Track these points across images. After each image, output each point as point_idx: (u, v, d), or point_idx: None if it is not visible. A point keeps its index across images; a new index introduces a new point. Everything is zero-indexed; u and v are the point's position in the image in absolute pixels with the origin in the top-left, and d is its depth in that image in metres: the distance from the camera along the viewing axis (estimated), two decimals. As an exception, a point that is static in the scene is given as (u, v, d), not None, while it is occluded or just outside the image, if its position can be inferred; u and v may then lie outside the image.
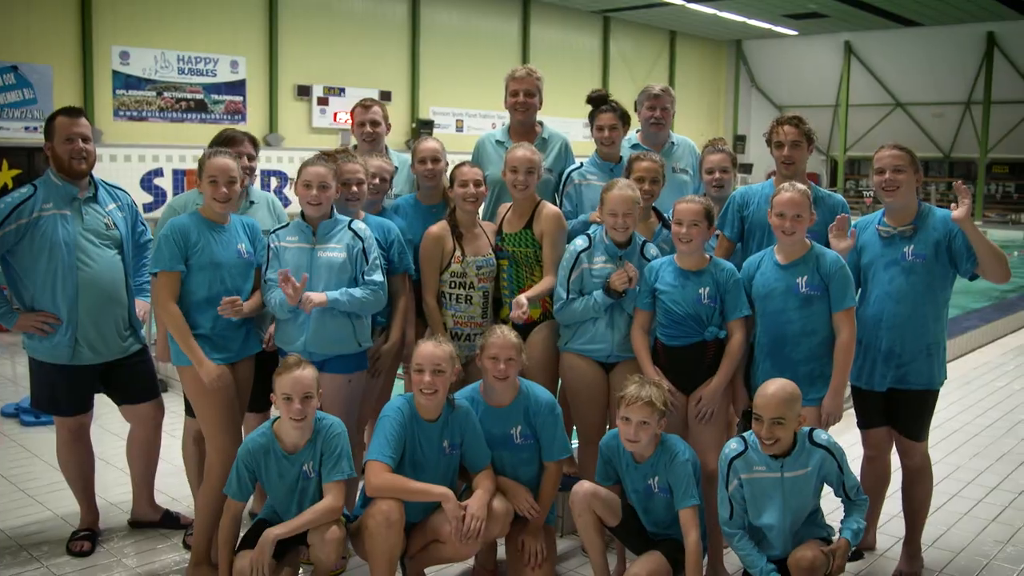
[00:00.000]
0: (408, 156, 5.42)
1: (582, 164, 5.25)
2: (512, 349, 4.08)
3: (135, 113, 16.60)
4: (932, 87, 28.53)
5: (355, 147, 5.38)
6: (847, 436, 5.11)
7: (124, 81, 16.47)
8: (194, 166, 4.41)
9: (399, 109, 20.82)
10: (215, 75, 17.65)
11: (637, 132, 5.58)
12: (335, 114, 19.40)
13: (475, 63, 22.04)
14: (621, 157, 5.18)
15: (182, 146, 16.87)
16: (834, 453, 3.78)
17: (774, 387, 3.76)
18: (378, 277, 4.30)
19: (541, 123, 5.41)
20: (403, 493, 3.86)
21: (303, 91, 19.01)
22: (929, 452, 4.49)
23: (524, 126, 5.33)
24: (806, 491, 3.77)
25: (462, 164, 4.75)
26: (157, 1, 16.63)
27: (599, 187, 4.72)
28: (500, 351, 4.06)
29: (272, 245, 4.33)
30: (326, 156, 4.47)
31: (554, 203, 5.06)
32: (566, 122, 24.02)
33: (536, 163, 4.69)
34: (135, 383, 4.74)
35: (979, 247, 4.14)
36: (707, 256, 4.32)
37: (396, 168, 5.11)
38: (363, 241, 4.30)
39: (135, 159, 16.40)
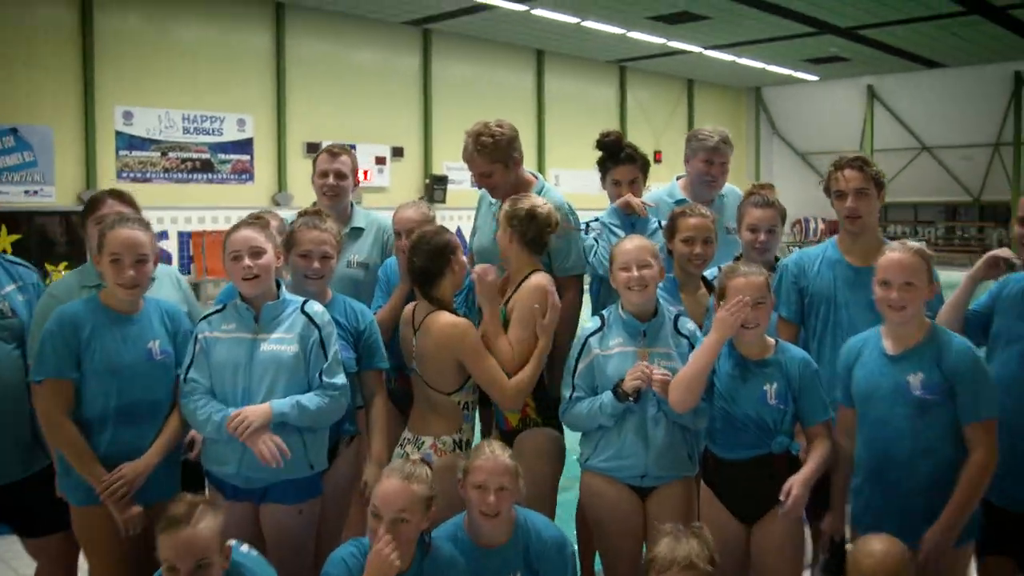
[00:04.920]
0: (379, 216, 4.75)
1: (597, 219, 4.49)
2: (506, 475, 3.22)
3: (139, 174, 16.10)
4: (959, 129, 27.78)
5: (314, 204, 4.71)
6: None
7: (128, 142, 15.98)
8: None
9: (412, 165, 20.31)
10: (221, 134, 17.16)
11: (679, 179, 4.84)
12: (346, 171, 18.88)
13: (489, 116, 21.35)
14: (650, 209, 4.46)
15: (188, 207, 16.30)
16: None
17: (880, 549, 2.90)
18: (340, 379, 3.45)
19: (536, 175, 4.55)
20: None
21: (312, 148, 18.44)
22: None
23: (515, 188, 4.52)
24: None
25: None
26: (161, 60, 16.20)
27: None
28: (489, 477, 3.19)
29: (200, 337, 3.46)
30: (255, 217, 3.72)
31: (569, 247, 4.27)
32: (582, 175, 23.43)
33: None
34: (40, 510, 3.75)
35: None
36: (772, 341, 3.48)
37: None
38: (320, 329, 3.46)
39: (139, 221, 15.90)
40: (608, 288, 4.08)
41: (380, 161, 19.62)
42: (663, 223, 4.28)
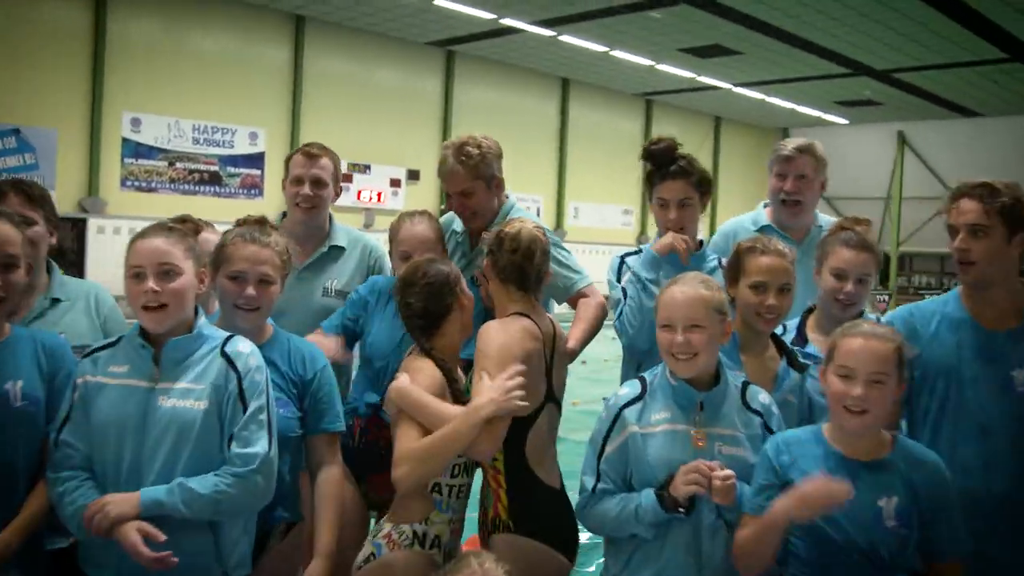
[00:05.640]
0: (364, 236, 3.99)
1: (640, 249, 3.54)
2: None
3: (144, 183, 15.54)
4: (990, 179, 27.02)
5: (284, 216, 3.93)
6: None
7: (134, 149, 15.44)
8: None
9: (428, 189, 19.70)
10: (232, 146, 16.60)
11: (765, 207, 4.00)
12: (359, 192, 18.30)
13: (511, 143, 20.48)
14: (701, 242, 3.53)
15: (193, 220, 15.72)
16: None
17: None
18: (257, 448, 2.46)
19: (507, 195, 3.83)
20: None
21: (326, 166, 17.89)
22: None
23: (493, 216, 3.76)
24: None
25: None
26: (173, 67, 15.69)
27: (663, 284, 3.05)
28: None
29: (79, 382, 2.51)
30: (179, 220, 2.83)
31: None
32: (602, 208, 22.90)
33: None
34: None
35: None
36: (888, 436, 2.57)
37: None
38: (240, 376, 2.51)
39: (140, 232, 15.28)
40: (648, 355, 3.25)
41: (395, 183, 19.04)
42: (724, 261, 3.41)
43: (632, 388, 2.75)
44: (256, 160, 16.91)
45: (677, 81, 22.15)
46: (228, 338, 2.59)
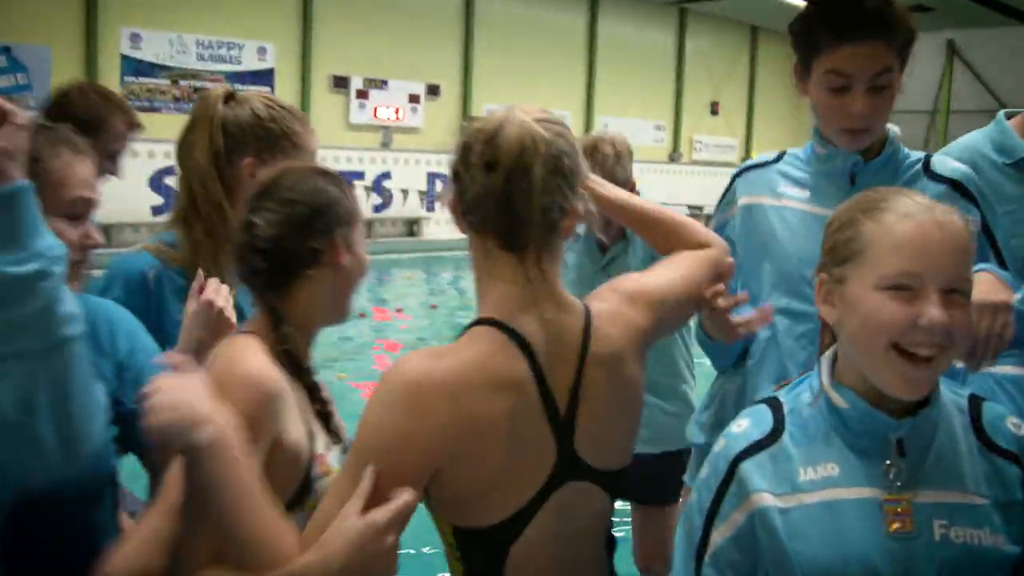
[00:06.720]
0: None
1: (781, 156, 2.23)
2: None
3: (146, 103, 14.58)
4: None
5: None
6: None
7: (134, 67, 14.50)
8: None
9: (448, 105, 18.64)
10: (240, 62, 15.62)
11: (1011, 117, 2.62)
12: (375, 109, 17.27)
13: (536, 57, 19.73)
14: (888, 137, 2.08)
15: (199, 142, 14.87)
16: None
17: None
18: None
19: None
20: None
21: (340, 82, 16.86)
22: None
23: None
24: None
25: None
26: (174, -23, 14.67)
27: (811, 219, 1.95)
28: None
29: None
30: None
31: None
32: (634, 123, 21.73)
33: None
34: None
35: None
36: None
37: None
38: None
39: (144, 155, 14.25)
40: None
41: (414, 99, 17.98)
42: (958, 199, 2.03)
43: (756, 420, 1.46)
44: (265, 76, 15.91)
45: (714, -13, 20.85)
46: None
